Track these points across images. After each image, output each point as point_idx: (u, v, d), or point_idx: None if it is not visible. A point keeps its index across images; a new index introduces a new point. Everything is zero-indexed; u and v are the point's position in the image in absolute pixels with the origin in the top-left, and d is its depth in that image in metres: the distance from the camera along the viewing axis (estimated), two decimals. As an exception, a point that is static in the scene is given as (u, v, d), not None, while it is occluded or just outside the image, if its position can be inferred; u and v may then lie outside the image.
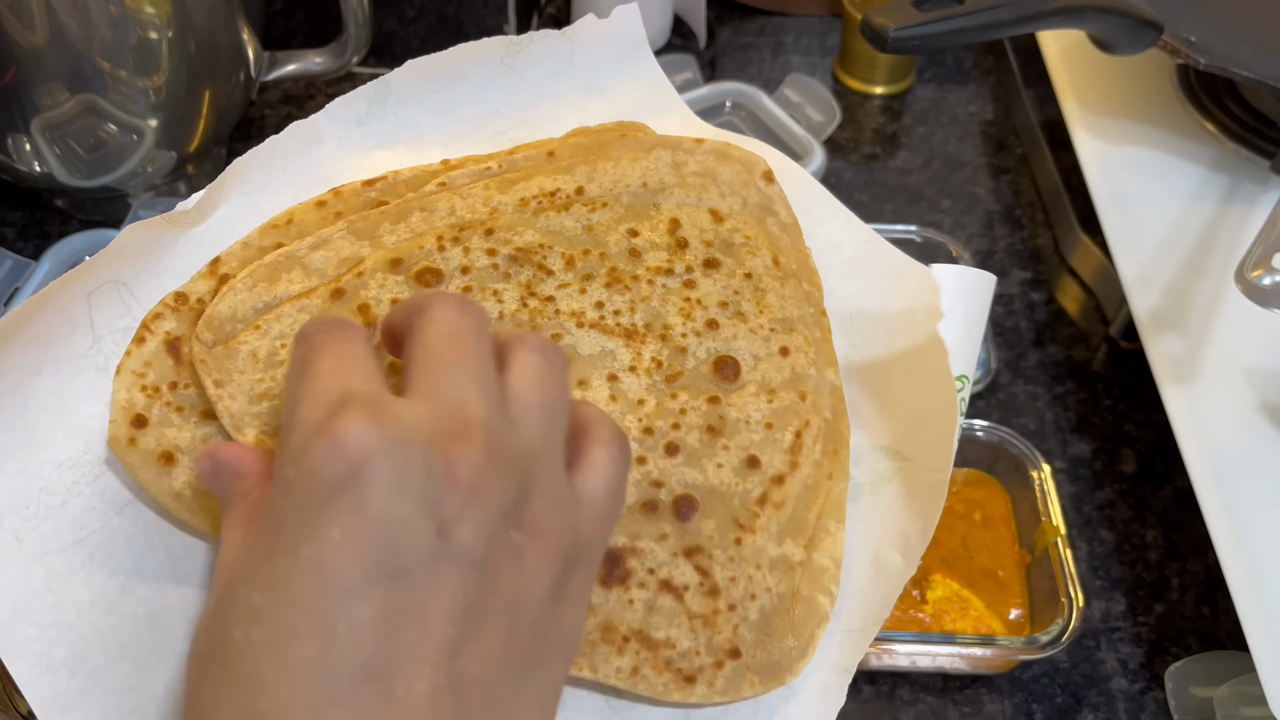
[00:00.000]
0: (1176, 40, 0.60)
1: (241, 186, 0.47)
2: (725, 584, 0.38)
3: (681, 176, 0.47)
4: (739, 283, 0.45)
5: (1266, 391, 0.54)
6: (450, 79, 0.51)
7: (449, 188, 0.46)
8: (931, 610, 0.51)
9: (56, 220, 0.70)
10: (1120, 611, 0.56)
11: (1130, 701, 0.52)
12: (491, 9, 0.77)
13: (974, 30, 0.52)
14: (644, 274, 0.44)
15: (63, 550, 0.38)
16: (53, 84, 0.59)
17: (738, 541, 0.39)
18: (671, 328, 0.43)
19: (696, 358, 0.43)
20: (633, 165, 0.47)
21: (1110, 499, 0.60)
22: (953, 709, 0.52)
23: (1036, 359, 0.66)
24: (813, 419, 0.42)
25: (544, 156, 0.48)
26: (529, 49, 0.52)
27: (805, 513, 0.41)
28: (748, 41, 0.87)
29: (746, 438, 0.41)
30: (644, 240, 0.45)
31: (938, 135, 0.80)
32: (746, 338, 0.43)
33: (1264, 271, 0.47)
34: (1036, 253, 0.72)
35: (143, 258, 0.44)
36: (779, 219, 0.48)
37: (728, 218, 0.47)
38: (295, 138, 0.49)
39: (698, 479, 0.40)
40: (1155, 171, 0.66)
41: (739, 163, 0.48)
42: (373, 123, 0.50)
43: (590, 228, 0.45)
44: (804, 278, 0.47)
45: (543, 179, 0.46)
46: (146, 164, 0.65)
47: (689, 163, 0.48)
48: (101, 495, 0.39)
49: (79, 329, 0.42)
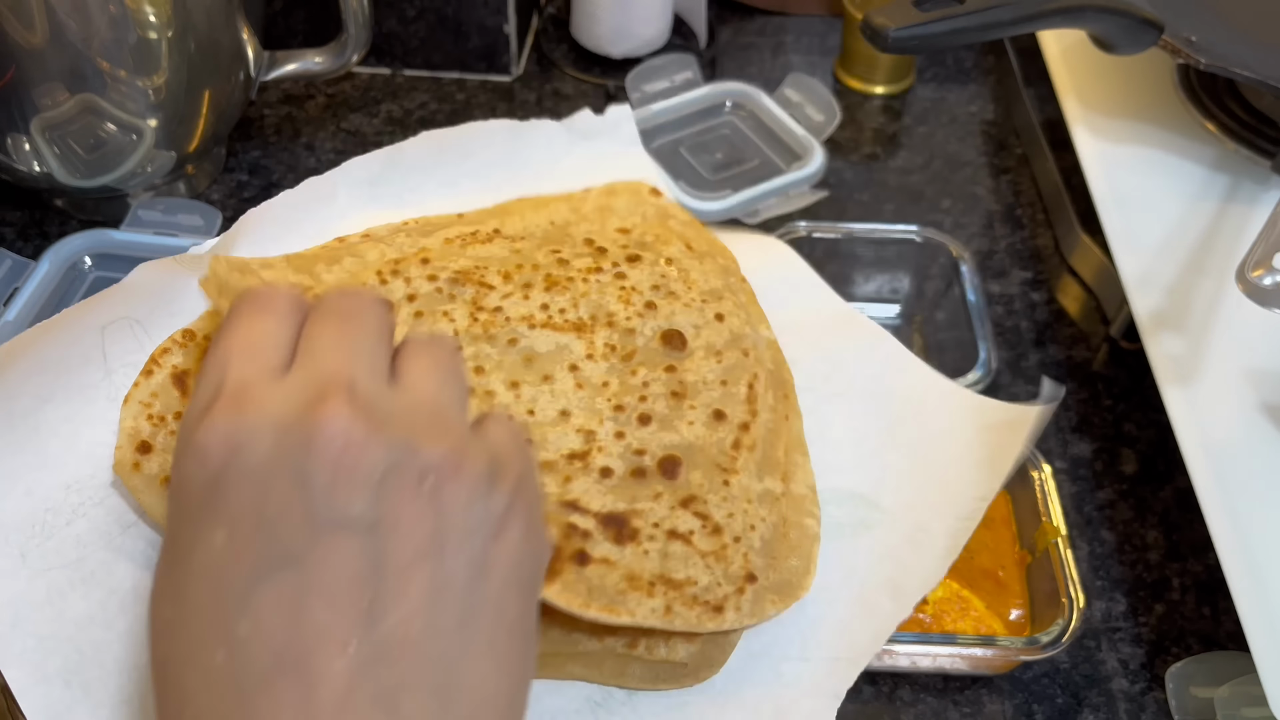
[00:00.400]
0: (1177, 40, 0.59)
1: (253, 236, 0.49)
2: (725, 521, 0.41)
3: (582, 215, 0.52)
4: (663, 268, 0.49)
5: (1267, 391, 0.54)
6: (458, 154, 0.55)
7: (372, 238, 0.49)
8: (931, 610, 0.51)
9: (56, 220, 0.70)
10: (1121, 612, 0.55)
11: (1131, 702, 0.52)
12: (491, 9, 0.77)
13: (974, 30, 0.52)
14: (577, 275, 0.48)
15: (65, 567, 0.39)
16: (53, 84, 0.59)
17: (725, 483, 0.42)
18: (615, 314, 0.46)
19: (644, 336, 0.46)
20: (536, 214, 0.52)
21: (1111, 499, 0.60)
22: (953, 709, 0.52)
23: (1037, 359, 0.66)
24: (759, 371, 0.46)
25: (454, 217, 0.52)
26: (529, 135, 0.57)
27: (774, 451, 0.44)
28: (748, 41, 0.87)
29: (708, 395, 0.44)
30: (567, 253, 0.49)
31: (938, 135, 0.80)
32: (684, 311, 0.47)
33: (1264, 271, 0.47)
34: (1037, 253, 0.72)
35: (156, 297, 0.46)
36: (678, 219, 0.53)
37: (633, 229, 0.51)
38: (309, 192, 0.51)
39: (674, 439, 0.43)
40: (1156, 171, 0.66)
41: (626, 191, 0.54)
42: (383, 185, 0.54)
43: (516, 250, 0.49)
44: (717, 254, 0.51)
45: (460, 227, 0.50)
46: (146, 164, 0.65)
47: (584, 204, 0.53)
48: (106, 517, 0.41)
49: (92, 361, 0.43)
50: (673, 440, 0.42)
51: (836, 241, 0.66)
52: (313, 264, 0.46)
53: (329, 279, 0.45)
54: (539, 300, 0.46)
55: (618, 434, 0.42)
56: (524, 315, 0.45)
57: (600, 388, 0.44)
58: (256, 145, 0.75)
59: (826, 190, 0.74)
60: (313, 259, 0.47)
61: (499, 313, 0.45)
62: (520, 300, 0.46)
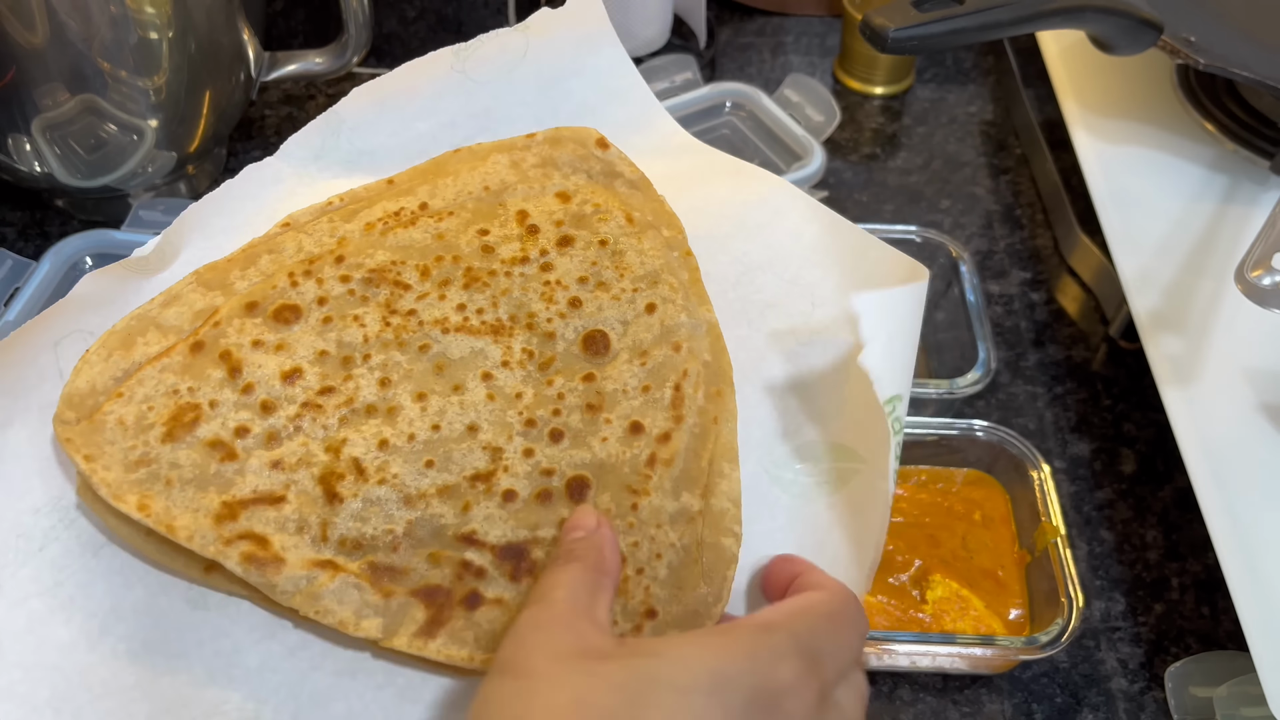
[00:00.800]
0: (1176, 40, 0.60)
1: (202, 230, 0.48)
2: (629, 551, 0.39)
3: (522, 173, 0.48)
4: (595, 253, 0.46)
5: (1266, 391, 0.54)
6: (402, 96, 0.50)
7: (293, 227, 0.47)
8: (931, 610, 0.51)
9: (56, 220, 0.70)
10: (1120, 611, 0.56)
11: (1130, 701, 0.52)
12: (491, 9, 0.77)
13: (974, 30, 0.52)
14: (500, 268, 0.45)
15: (42, 594, 0.39)
16: (53, 84, 0.59)
17: (634, 507, 0.40)
18: (536, 315, 0.44)
19: (565, 339, 0.43)
20: (472, 174, 0.48)
21: (1110, 499, 0.60)
22: (953, 709, 0.52)
23: (1036, 359, 0.66)
24: (690, 366, 0.43)
25: (384, 185, 0.49)
26: (479, 51, 0.51)
27: (696, 462, 0.41)
28: (748, 41, 0.87)
29: (626, 406, 0.42)
30: (495, 236, 0.46)
31: (938, 135, 0.80)
32: (611, 306, 0.44)
33: (1264, 271, 0.47)
34: (1036, 253, 0.72)
35: (108, 306, 0.45)
36: (625, 178, 0.49)
37: (574, 194, 0.48)
38: (251, 180, 0.49)
39: (585, 458, 0.41)
40: (1155, 171, 0.66)
41: (572, 140, 0.49)
42: (329, 154, 0.51)
43: (440, 235, 0.46)
44: (662, 224, 0.47)
45: (385, 203, 0.47)
46: (147, 164, 0.65)
47: (526, 158, 0.49)
48: (78, 539, 0.40)
49: (48, 379, 0.43)
50: (584, 459, 0.41)
51: (836, 242, 0.66)
52: (226, 273, 0.44)
53: (242, 286, 0.44)
54: (456, 300, 0.44)
55: (526, 451, 0.41)
56: (438, 318, 0.43)
57: (513, 399, 0.42)
58: (257, 145, 0.75)
59: (826, 190, 0.74)
60: (227, 267, 0.45)
61: (412, 316, 0.44)
62: (436, 301, 0.44)
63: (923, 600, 0.52)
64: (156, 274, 0.46)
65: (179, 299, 0.44)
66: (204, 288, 0.44)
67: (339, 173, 0.50)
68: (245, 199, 0.49)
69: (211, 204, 0.48)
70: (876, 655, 0.51)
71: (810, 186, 0.72)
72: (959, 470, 0.57)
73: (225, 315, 0.42)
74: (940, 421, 0.57)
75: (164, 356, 0.41)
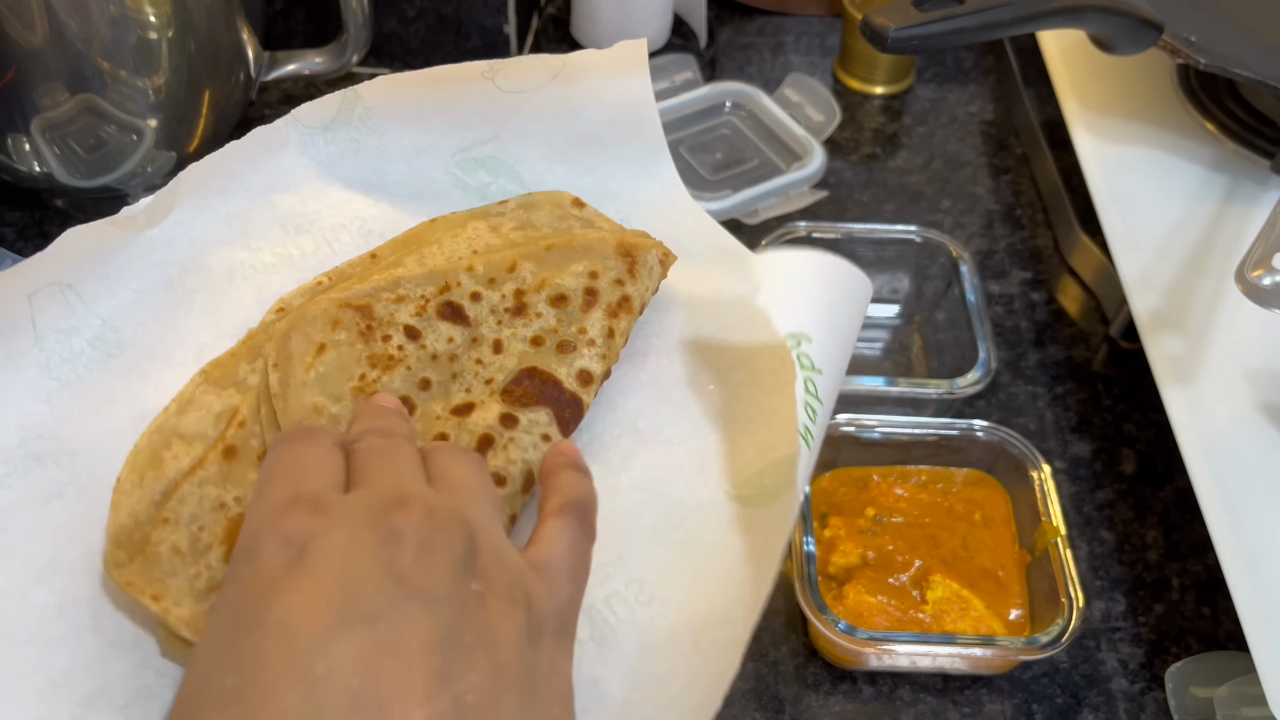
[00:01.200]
0: (1176, 40, 0.60)
1: (198, 190, 0.47)
2: None
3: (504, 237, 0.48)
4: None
5: (1266, 391, 0.54)
6: (423, 88, 0.50)
7: (288, 313, 0.46)
8: (931, 610, 0.51)
9: (56, 220, 0.70)
10: (1120, 612, 0.56)
11: (1130, 702, 0.52)
12: (491, 9, 0.77)
13: (974, 30, 0.52)
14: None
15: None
16: (53, 84, 0.59)
17: None
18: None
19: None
20: (455, 242, 0.48)
21: (1110, 499, 0.60)
22: (953, 709, 0.52)
23: (1036, 359, 0.66)
24: None
25: (368, 260, 0.48)
26: (514, 65, 0.50)
27: None
28: (748, 41, 0.87)
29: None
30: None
31: (938, 135, 0.80)
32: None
33: (1264, 271, 0.47)
34: (1036, 253, 0.72)
35: (88, 259, 0.45)
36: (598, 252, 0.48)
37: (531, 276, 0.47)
38: (257, 142, 0.49)
39: None
40: (1155, 171, 0.66)
41: (548, 203, 0.50)
42: (339, 129, 0.51)
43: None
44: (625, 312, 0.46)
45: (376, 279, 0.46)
46: (146, 164, 0.65)
47: (503, 224, 0.49)
48: (30, 489, 0.40)
49: (20, 329, 0.43)
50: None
51: (836, 242, 0.66)
52: (233, 369, 0.43)
53: (254, 381, 0.43)
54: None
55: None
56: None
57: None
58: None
59: (826, 190, 0.74)
60: (232, 362, 0.44)
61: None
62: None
63: (923, 600, 0.52)
64: (145, 230, 0.46)
65: (193, 404, 0.42)
66: (215, 388, 0.43)
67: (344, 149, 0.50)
68: (246, 161, 0.49)
69: (212, 163, 0.48)
70: (876, 655, 0.51)
71: (810, 186, 0.72)
72: (959, 470, 0.57)
73: (249, 415, 0.41)
74: (940, 421, 0.57)
75: (199, 470, 0.40)
